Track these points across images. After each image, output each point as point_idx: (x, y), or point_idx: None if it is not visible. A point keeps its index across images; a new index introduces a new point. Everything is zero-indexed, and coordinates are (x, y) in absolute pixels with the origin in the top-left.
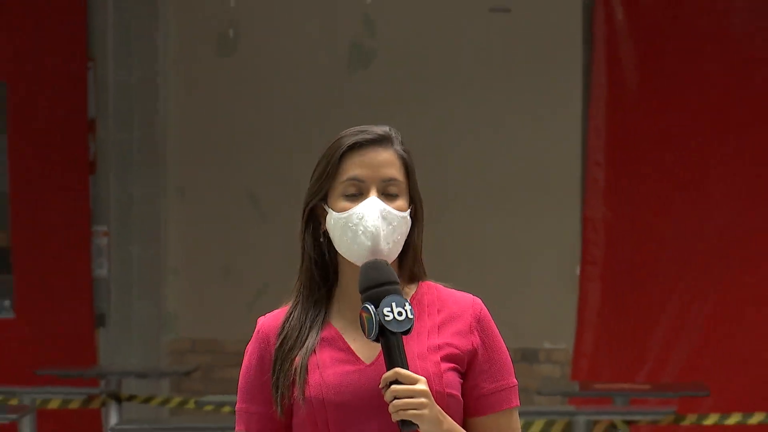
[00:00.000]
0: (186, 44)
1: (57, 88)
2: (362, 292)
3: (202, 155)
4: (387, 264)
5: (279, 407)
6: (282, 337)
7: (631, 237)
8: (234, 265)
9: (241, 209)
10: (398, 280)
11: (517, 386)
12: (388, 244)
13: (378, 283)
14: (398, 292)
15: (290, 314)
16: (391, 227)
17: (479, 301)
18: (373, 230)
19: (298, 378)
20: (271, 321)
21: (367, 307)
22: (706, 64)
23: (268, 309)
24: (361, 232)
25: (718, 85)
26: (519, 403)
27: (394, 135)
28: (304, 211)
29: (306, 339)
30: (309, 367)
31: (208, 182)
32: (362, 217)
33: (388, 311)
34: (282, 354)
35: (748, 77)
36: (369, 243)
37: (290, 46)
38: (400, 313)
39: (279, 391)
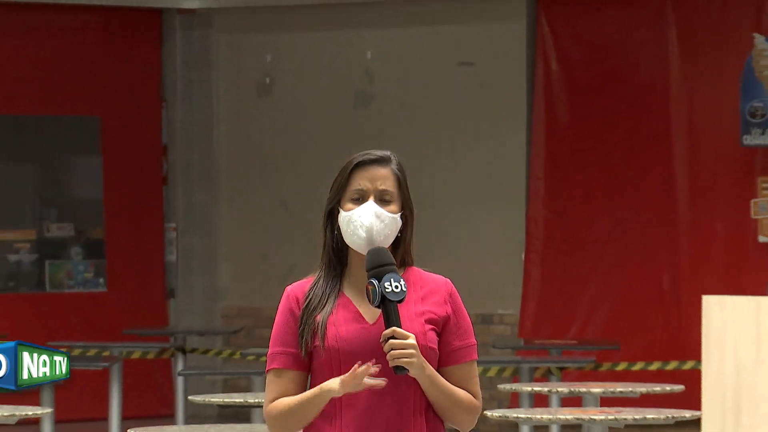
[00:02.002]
0: (233, 89)
1: (138, 122)
2: (368, 270)
3: (245, 172)
4: (387, 251)
5: (303, 351)
6: (308, 300)
7: (562, 231)
8: (269, 252)
9: (275, 211)
10: (395, 263)
11: (476, 345)
12: (380, 236)
13: (381, 264)
14: (396, 272)
15: (314, 284)
16: (383, 224)
17: (450, 281)
18: (368, 225)
19: (319, 331)
20: (298, 287)
21: (372, 282)
22: (617, 104)
23: (295, 280)
24: (359, 226)
25: (626, 119)
26: (477, 357)
27: (392, 157)
28: (324, 212)
29: (326, 303)
30: (327, 324)
31: (250, 191)
32: (360, 216)
33: (388, 285)
34: (307, 312)
35: (648, 113)
36: (364, 234)
37: (311, 90)
38: (396, 287)
39: (303, 339)
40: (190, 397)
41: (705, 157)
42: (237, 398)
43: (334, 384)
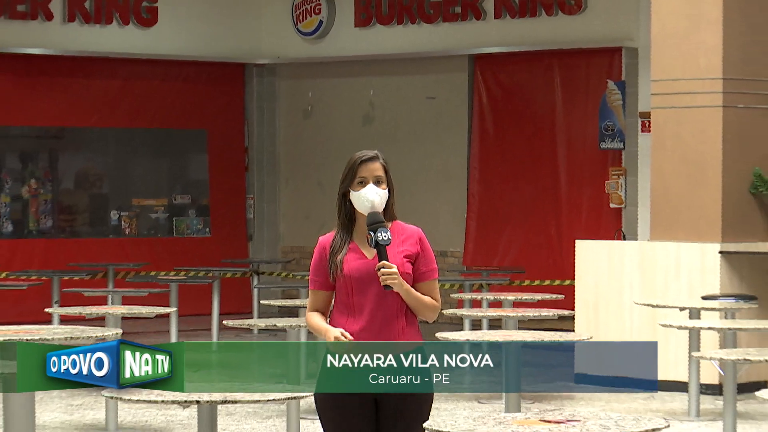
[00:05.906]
0: (288, 114)
1: (230, 133)
2: (368, 226)
3: (295, 164)
4: (380, 213)
5: (331, 277)
6: (332, 247)
7: (490, 201)
8: (310, 213)
9: (314, 188)
10: (384, 220)
11: (437, 269)
12: (379, 205)
13: (375, 222)
14: (385, 226)
15: (334, 237)
16: (379, 197)
17: (420, 229)
18: (373, 199)
19: (339, 266)
20: (325, 239)
21: (370, 233)
22: (523, 124)
23: (325, 233)
24: (366, 200)
25: (528, 133)
26: (438, 277)
27: (379, 154)
28: (339, 194)
29: (342, 248)
30: (343, 261)
31: (298, 176)
32: (367, 193)
33: (380, 235)
34: (332, 254)
35: (542, 129)
36: (370, 205)
37: (336, 114)
38: (385, 236)
39: (331, 270)
40: (261, 302)
41: (577, 155)
42: (291, 303)
43: (329, 336)
